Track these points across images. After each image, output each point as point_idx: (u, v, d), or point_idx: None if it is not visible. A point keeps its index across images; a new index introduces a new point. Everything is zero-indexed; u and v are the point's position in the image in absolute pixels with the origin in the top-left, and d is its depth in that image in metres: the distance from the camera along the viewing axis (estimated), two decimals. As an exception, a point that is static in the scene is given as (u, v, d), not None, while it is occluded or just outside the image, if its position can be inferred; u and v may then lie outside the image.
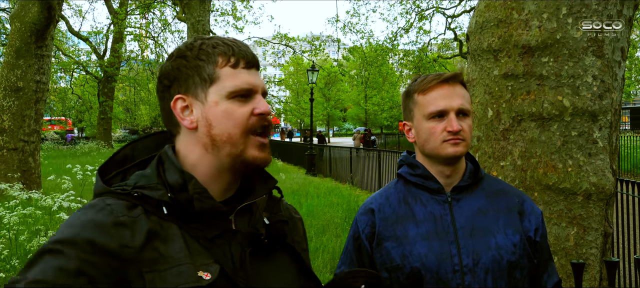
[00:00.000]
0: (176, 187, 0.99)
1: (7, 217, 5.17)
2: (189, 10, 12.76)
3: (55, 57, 26.91)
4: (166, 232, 0.95)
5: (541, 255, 1.47)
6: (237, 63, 1.03)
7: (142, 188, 0.98)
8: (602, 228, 2.47)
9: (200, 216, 0.99)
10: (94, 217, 0.91)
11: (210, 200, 0.99)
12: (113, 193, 0.98)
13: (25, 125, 9.59)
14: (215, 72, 1.02)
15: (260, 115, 1.02)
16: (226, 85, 1.02)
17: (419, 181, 1.48)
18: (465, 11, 21.12)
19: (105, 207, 0.93)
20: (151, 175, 1.01)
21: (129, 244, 0.90)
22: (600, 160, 2.46)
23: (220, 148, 1.01)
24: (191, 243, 0.96)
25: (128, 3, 22.96)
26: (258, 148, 1.02)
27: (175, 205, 0.98)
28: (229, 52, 1.03)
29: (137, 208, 0.95)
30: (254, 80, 1.04)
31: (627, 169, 14.39)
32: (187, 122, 1.04)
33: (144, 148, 1.12)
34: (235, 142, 1.01)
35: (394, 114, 39.40)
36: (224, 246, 0.99)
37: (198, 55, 1.03)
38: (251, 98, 1.03)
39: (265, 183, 1.11)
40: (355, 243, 1.51)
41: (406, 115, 1.52)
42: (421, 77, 1.48)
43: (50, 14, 9.58)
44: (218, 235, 0.99)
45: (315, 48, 22.83)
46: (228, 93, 1.01)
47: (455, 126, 1.38)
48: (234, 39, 1.07)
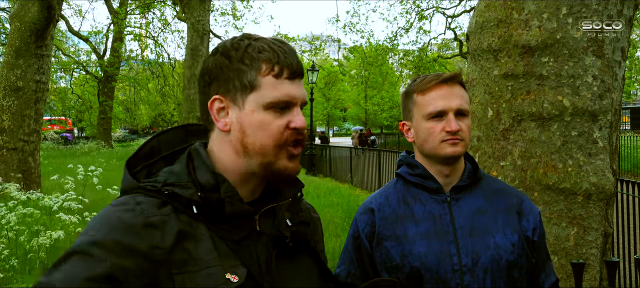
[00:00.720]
0: (207, 187, 0.98)
1: (6, 217, 5.17)
2: (189, 10, 12.75)
3: (55, 56, 26.90)
4: (195, 232, 0.95)
5: (539, 255, 1.48)
6: (281, 73, 1.00)
7: (173, 186, 0.97)
8: (602, 228, 2.47)
9: (229, 217, 0.98)
10: (124, 217, 0.90)
11: (240, 203, 0.98)
12: (143, 189, 0.97)
13: (25, 125, 9.58)
14: (257, 79, 1.00)
15: (295, 129, 1.01)
16: (266, 95, 0.99)
17: (418, 181, 1.48)
18: (465, 11, 21.12)
19: (135, 207, 0.92)
20: (181, 173, 1.00)
21: (159, 245, 0.90)
22: (600, 160, 2.46)
23: (251, 156, 1.01)
24: (219, 244, 0.96)
25: (128, 3, 22.96)
26: (289, 159, 1.01)
27: (205, 205, 0.97)
28: (274, 59, 1.00)
29: (167, 206, 0.95)
30: (295, 92, 1.01)
31: (627, 169, 14.39)
32: (221, 124, 1.03)
33: (168, 141, 1.11)
34: (266, 153, 1.00)
35: (394, 114, 39.40)
36: (251, 248, 0.99)
37: (242, 58, 1.01)
38: (289, 110, 1.01)
39: (292, 186, 1.11)
40: (355, 243, 1.51)
41: (405, 115, 1.53)
42: (420, 77, 1.49)
43: (50, 14, 9.58)
44: (245, 237, 0.99)
45: (316, 48, 22.85)
46: (266, 103, 0.99)
47: (453, 126, 1.39)
48: (282, 43, 1.04)
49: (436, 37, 23.42)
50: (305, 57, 25.37)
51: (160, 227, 0.91)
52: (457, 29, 22.25)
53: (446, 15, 21.64)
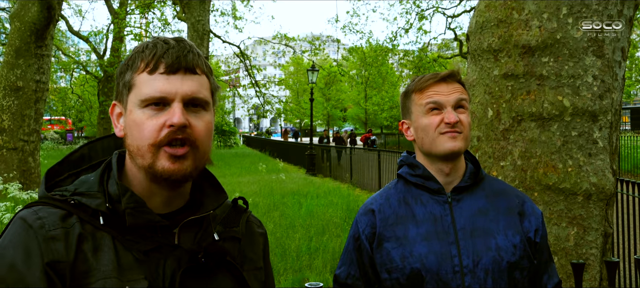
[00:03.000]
0: (115, 197, 0.95)
1: (6, 217, 5.17)
2: (189, 10, 12.75)
3: (55, 56, 26.89)
4: (98, 243, 0.91)
5: (541, 256, 1.47)
6: (155, 68, 0.94)
7: (81, 196, 0.94)
8: (602, 229, 2.47)
9: (137, 229, 0.94)
10: (23, 235, 0.88)
11: (146, 215, 0.94)
12: (51, 199, 0.94)
13: (25, 125, 9.58)
14: (133, 78, 0.96)
15: (171, 127, 0.93)
16: (139, 92, 0.95)
17: (419, 181, 1.47)
18: (465, 11, 21.10)
19: (34, 222, 0.89)
20: (93, 182, 0.97)
21: (61, 259, 0.87)
22: (600, 160, 2.45)
23: (134, 158, 0.96)
24: (124, 256, 0.92)
25: (128, 3, 22.94)
26: (170, 159, 0.93)
27: (113, 215, 0.93)
28: (150, 55, 0.95)
29: (72, 217, 0.91)
30: (170, 87, 0.94)
31: (627, 169, 14.39)
32: (118, 129, 1.00)
33: (103, 149, 1.08)
34: (143, 154, 0.94)
35: (394, 114, 39.38)
36: (159, 261, 0.94)
37: (127, 60, 0.98)
38: (167, 107, 0.94)
39: (215, 198, 1.05)
40: (355, 244, 1.51)
41: (405, 115, 1.53)
42: (419, 77, 1.50)
43: (50, 14, 9.58)
44: (153, 249, 0.94)
45: (315, 48, 22.83)
46: (140, 101, 0.94)
47: (452, 118, 1.39)
48: (174, 39, 0.98)
49: (436, 37, 23.45)
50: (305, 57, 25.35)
51: (62, 239, 0.88)
52: (457, 29, 22.24)
53: (446, 15, 21.62)
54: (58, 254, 0.87)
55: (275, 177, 14.72)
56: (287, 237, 6.76)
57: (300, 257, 5.89)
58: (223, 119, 38.98)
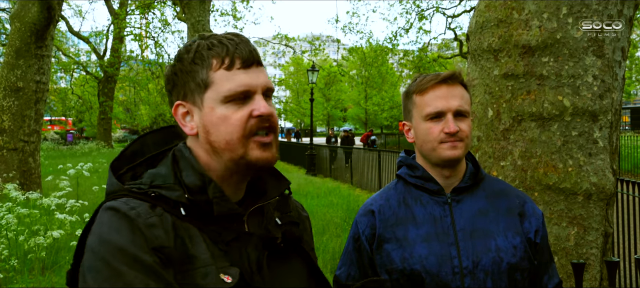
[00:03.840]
0: (194, 188, 0.97)
1: (5, 218, 5.17)
2: (189, 10, 12.75)
3: (55, 57, 26.90)
4: (189, 232, 0.94)
5: (542, 257, 1.46)
6: (232, 63, 0.98)
7: (159, 188, 0.96)
8: (602, 228, 2.47)
9: (217, 218, 0.97)
10: (121, 222, 0.89)
11: (228, 204, 0.98)
12: (129, 191, 0.95)
13: (25, 126, 9.58)
14: (209, 76, 0.98)
15: (259, 116, 0.98)
16: (220, 89, 0.98)
17: (419, 182, 1.47)
18: (465, 11, 21.11)
19: (129, 211, 0.90)
20: (167, 175, 0.99)
21: (165, 244, 0.89)
22: (600, 160, 2.45)
23: (221, 154, 0.99)
24: (211, 245, 0.95)
25: (128, 3, 22.95)
26: (260, 148, 0.98)
27: (192, 206, 0.96)
28: (223, 52, 0.98)
29: (157, 208, 0.93)
30: (252, 80, 0.99)
31: (627, 169, 14.39)
32: (188, 128, 1.02)
33: (154, 143, 1.10)
34: (233, 147, 0.98)
35: (394, 114, 39.39)
36: (241, 249, 0.98)
37: (193, 58, 1.00)
38: (250, 99, 0.99)
39: (278, 184, 1.09)
40: (355, 244, 1.51)
41: (405, 116, 1.52)
42: (420, 77, 1.47)
43: (50, 14, 9.58)
44: (234, 239, 0.98)
45: (315, 48, 22.83)
46: (223, 97, 0.98)
47: (452, 127, 1.37)
48: (234, 36, 1.02)
49: (436, 37, 23.43)
50: (305, 58, 25.36)
51: (160, 227, 0.90)
52: (457, 29, 22.26)
53: (446, 15, 21.63)
54: (161, 240, 0.89)
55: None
56: (287, 237, 6.75)
57: (301, 257, 5.88)
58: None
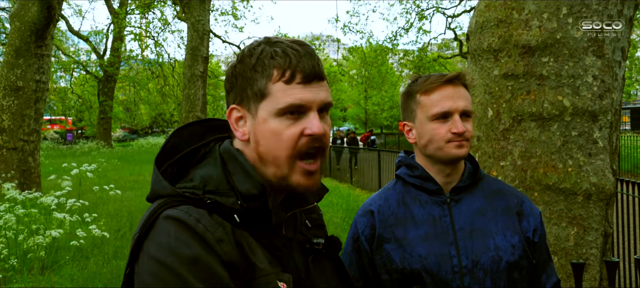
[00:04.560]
0: (248, 196, 0.95)
1: (4, 217, 5.16)
2: (189, 10, 12.75)
3: (55, 56, 26.90)
4: (246, 241, 0.93)
5: (540, 256, 1.47)
6: (293, 77, 0.95)
7: (214, 194, 0.95)
8: (602, 229, 2.47)
9: (266, 225, 0.97)
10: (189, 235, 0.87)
11: (282, 213, 0.98)
12: (182, 197, 0.93)
13: (25, 125, 9.58)
14: (267, 87, 0.96)
15: (310, 136, 0.95)
16: (276, 102, 0.95)
17: (418, 182, 1.47)
18: (465, 11, 21.11)
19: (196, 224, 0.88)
20: (220, 180, 0.97)
21: (233, 260, 0.89)
22: (600, 160, 2.45)
23: (266, 166, 0.98)
24: (264, 252, 0.95)
25: (128, 3, 22.96)
26: (303, 175, 0.97)
27: (246, 213, 0.95)
28: (285, 64, 0.95)
29: (214, 215, 0.92)
30: (309, 95, 0.95)
31: (627, 169, 14.39)
32: (240, 133, 1.01)
33: (191, 136, 1.09)
34: (280, 164, 0.96)
35: (394, 113, 39.40)
36: (288, 255, 0.99)
37: (255, 65, 0.97)
38: (304, 116, 0.96)
39: (317, 191, 1.08)
40: (354, 245, 1.51)
41: (407, 116, 1.51)
42: (423, 77, 1.47)
43: (50, 14, 9.58)
44: (284, 245, 0.99)
45: (316, 48, 22.83)
46: (277, 110, 0.95)
47: (460, 127, 1.38)
48: (301, 45, 0.98)
49: (436, 37, 23.43)
50: (305, 57, 25.36)
51: (227, 241, 0.90)
52: (457, 29, 22.24)
53: (446, 15, 21.63)
54: (230, 255, 0.89)
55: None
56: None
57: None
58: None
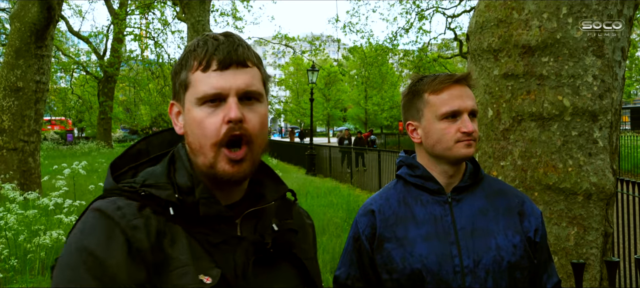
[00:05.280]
0: (184, 189, 0.97)
1: (5, 218, 5.16)
2: (189, 10, 12.75)
3: (55, 57, 26.89)
4: (172, 233, 0.94)
5: (541, 256, 1.47)
6: (208, 65, 0.97)
7: (150, 187, 0.96)
8: (602, 228, 2.47)
9: (206, 220, 0.97)
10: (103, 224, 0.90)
11: (217, 206, 0.97)
12: (120, 190, 0.96)
13: (25, 126, 9.58)
14: (188, 77, 0.99)
15: (229, 122, 0.95)
16: (195, 91, 0.97)
17: (419, 182, 1.47)
18: (465, 11, 21.10)
19: (114, 212, 0.91)
20: (161, 174, 1.00)
21: (144, 248, 0.89)
22: (600, 160, 2.45)
23: (197, 156, 0.99)
24: (195, 246, 0.94)
25: (128, 3, 22.96)
26: (228, 163, 0.96)
27: (182, 206, 0.96)
28: (202, 53, 0.97)
29: (146, 208, 0.94)
30: (224, 82, 0.96)
31: (627, 169, 14.39)
32: (178, 127, 1.03)
33: (159, 143, 1.11)
34: (205, 153, 0.97)
35: (394, 114, 39.39)
36: (228, 252, 0.97)
37: (182, 59, 1.01)
38: (224, 103, 0.96)
39: (275, 189, 1.08)
40: (355, 245, 1.51)
41: (412, 115, 1.50)
42: (430, 77, 1.47)
43: (50, 14, 9.58)
44: (223, 242, 0.97)
45: (316, 48, 22.83)
46: (196, 100, 0.97)
47: (470, 127, 1.39)
48: (223, 35, 1.00)
49: (436, 37, 23.39)
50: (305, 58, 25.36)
51: (143, 229, 0.91)
52: (457, 29, 22.23)
53: (446, 15, 21.62)
54: (140, 243, 0.89)
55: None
56: (287, 237, 6.75)
57: (300, 257, 5.88)
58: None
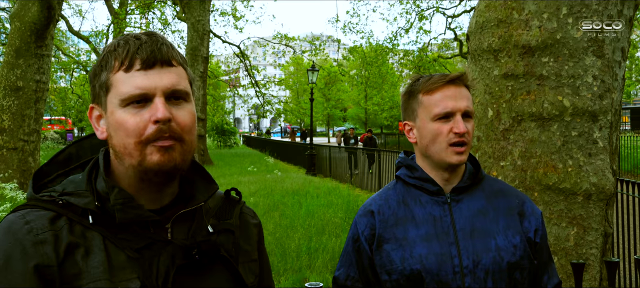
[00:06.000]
0: (104, 195, 0.93)
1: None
2: (189, 10, 12.75)
3: (55, 56, 26.89)
4: (89, 244, 0.89)
5: (541, 256, 1.47)
6: (131, 65, 0.92)
7: (69, 195, 0.93)
8: (602, 229, 2.47)
9: (129, 225, 0.92)
10: (5, 242, 0.86)
11: (134, 210, 0.92)
12: (38, 201, 0.92)
13: (25, 125, 9.58)
14: (109, 79, 0.94)
15: (156, 122, 0.91)
16: (118, 92, 0.93)
17: (418, 183, 1.47)
18: (465, 11, 21.10)
19: (22, 227, 0.87)
20: (81, 181, 0.96)
21: (50, 263, 0.86)
22: (600, 160, 2.45)
23: (122, 158, 0.94)
24: (116, 255, 0.90)
25: (128, 3, 22.96)
26: (158, 151, 0.92)
27: (103, 214, 0.92)
28: (124, 53, 0.93)
29: (62, 219, 0.90)
30: (149, 82, 0.92)
31: (627, 169, 14.38)
32: (100, 132, 0.98)
33: (91, 147, 1.06)
34: (130, 153, 0.92)
35: (394, 114, 39.39)
36: (152, 259, 0.92)
37: (101, 60, 0.96)
38: (150, 103, 0.92)
39: (206, 188, 1.04)
40: (354, 245, 1.51)
41: (408, 116, 1.50)
42: (425, 77, 1.47)
43: (50, 14, 9.58)
44: (146, 246, 0.93)
45: (316, 48, 22.83)
46: (120, 101, 0.93)
47: (462, 127, 1.38)
48: (145, 34, 0.96)
49: (436, 37, 23.42)
50: (305, 57, 25.36)
51: (51, 243, 0.87)
52: (457, 29, 22.26)
53: (446, 15, 21.62)
54: (47, 258, 0.86)
55: (269, 177, 14.75)
56: (287, 237, 6.76)
57: (300, 257, 5.89)
58: (223, 119, 38.96)
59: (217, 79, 31.20)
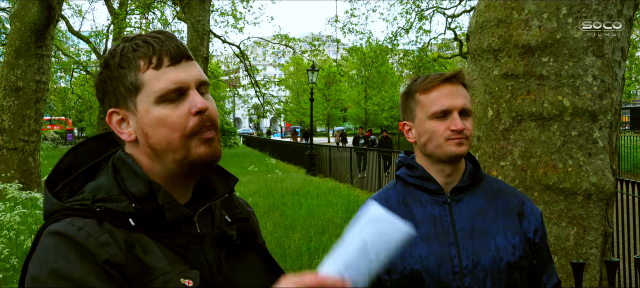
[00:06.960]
0: (140, 196, 0.94)
1: (6, 217, 5.17)
2: (189, 10, 12.75)
3: (55, 56, 26.89)
4: (141, 242, 0.91)
5: (541, 256, 1.47)
6: (160, 62, 0.95)
7: (103, 202, 0.92)
8: (602, 228, 2.47)
9: (168, 224, 0.94)
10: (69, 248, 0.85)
11: (179, 208, 0.95)
12: (71, 210, 0.90)
13: (25, 125, 9.58)
14: (138, 78, 0.95)
15: (198, 114, 0.94)
16: (152, 90, 0.94)
17: (418, 182, 1.47)
18: (465, 11, 21.09)
19: (77, 233, 0.86)
20: (110, 186, 0.95)
21: (120, 262, 0.86)
22: (600, 160, 2.46)
23: (163, 156, 0.95)
24: (165, 251, 0.92)
25: (128, 3, 22.95)
26: (204, 144, 0.95)
27: (140, 215, 0.93)
28: (150, 51, 0.95)
29: (105, 223, 0.89)
30: (183, 75, 0.95)
31: (627, 169, 14.39)
32: (126, 135, 0.98)
33: (87, 153, 1.05)
34: (175, 148, 0.94)
35: (394, 114, 39.38)
36: (198, 251, 0.96)
37: (120, 62, 0.96)
38: (185, 96, 0.95)
39: (226, 181, 1.07)
40: (354, 244, 1.51)
41: (406, 115, 1.51)
42: (422, 77, 1.47)
43: (50, 14, 9.58)
44: (190, 242, 0.95)
45: (315, 48, 22.83)
46: (156, 98, 0.94)
47: (459, 125, 1.38)
48: (159, 33, 0.98)
49: (436, 37, 23.36)
50: (305, 58, 25.36)
51: (113, 244, 0.87)
52: (457, 29, 22.21)
53: (446, 15, 21.61)
54: (117, 258, 0.86)
55: (270, 176, 14.75)
56: (287, 237, 6.76)
57: (300, 257, 5.89)
58: (223, 119, 38.97)
59: (217, 79, 31.22)
